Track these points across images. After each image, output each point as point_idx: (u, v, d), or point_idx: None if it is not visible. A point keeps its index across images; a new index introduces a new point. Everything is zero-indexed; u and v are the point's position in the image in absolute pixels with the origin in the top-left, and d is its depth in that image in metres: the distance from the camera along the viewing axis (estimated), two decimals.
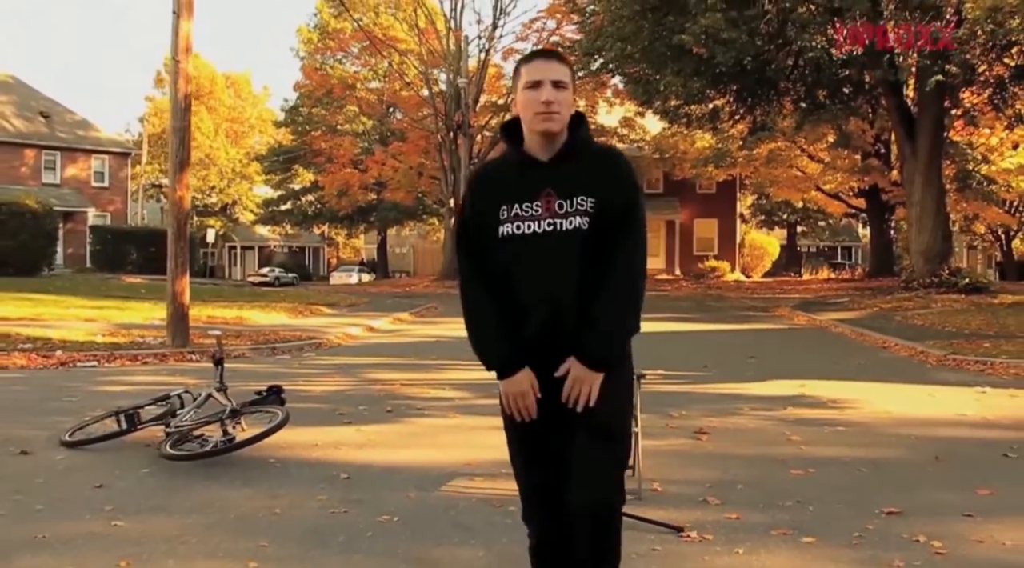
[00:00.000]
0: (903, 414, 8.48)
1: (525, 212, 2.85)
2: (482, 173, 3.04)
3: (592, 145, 2.96)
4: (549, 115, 2.83)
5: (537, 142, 2.90)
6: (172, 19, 12.27)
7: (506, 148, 3.00)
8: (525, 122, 2.91)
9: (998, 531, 4.83)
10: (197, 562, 4.32)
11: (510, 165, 2.95)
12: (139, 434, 6.97)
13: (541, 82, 2.85)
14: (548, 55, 2.97)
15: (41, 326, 14.49)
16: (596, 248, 2.82)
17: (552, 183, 2.85)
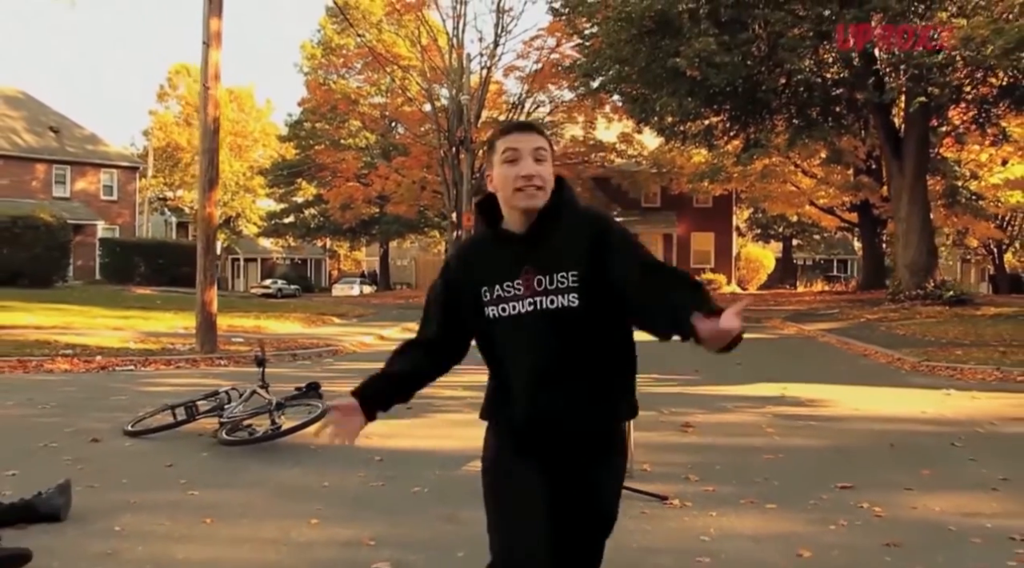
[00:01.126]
0: (870, 412, 9.45)
1: (507, 292, 2.66)
2: (462, 252, 2.83)
3: (578, 210, 2.72)
4: (531, 191, 2.62)
5: (517, 218, 2.68)
6: (202, 49, 13.26)
7: (483, 225, 2.77)
8: (504, 200, 2.68)
9: (931, 501, 5.79)
10: (267, 521, 5.27)
11: (488, 241, 2.74)
12: (190, 426, 7.91)
13: (519, 154, 2.64)
14: (524, 127, 2.75)
15: (75, 334, 15.45)
16: (594, 327, 2.63)
17: (531, 259, 2.64)
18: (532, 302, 2.62)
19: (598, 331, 2.62)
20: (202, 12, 13.22)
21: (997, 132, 29.84)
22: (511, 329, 2.65)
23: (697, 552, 4.73)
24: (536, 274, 2.62)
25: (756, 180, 41.16)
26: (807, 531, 5.16)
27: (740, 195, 48.87)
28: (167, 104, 79.31)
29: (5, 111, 47.16)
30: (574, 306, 2.59)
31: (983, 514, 5.49)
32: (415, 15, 45.17)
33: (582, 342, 2.60)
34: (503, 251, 2.69)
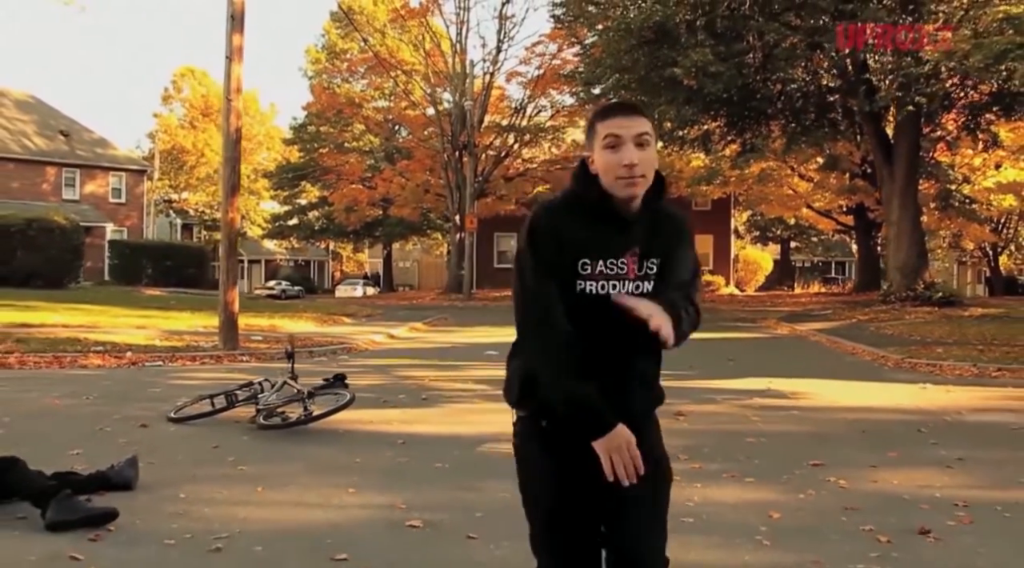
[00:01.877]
0: (849, 403, 10.25)
1: (611, 269, 2.57)
2: (549, 216, 2.62)
3: (667, 207, 2.73)
4: (633, 180, 2.53)
5: (616, 200, 2.58)
6: (225, 63, 14.05)
7: (573, 192, 2.66)
8: (606, 185, 2.57)
9: (891, 476, 6.59)
10: (312, 489, 6.08)
11: (588, 212, 2.60)
12: (226, 414, 8.70)
13: (622, 140, 2.55)
14: (628, 109, 2.65)
15: (102, 332, 16.24)
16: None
17: (637, 241, 2.60)
18: (637, 285, 2.59)
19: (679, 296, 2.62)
20: (225, 29, 14.03)
21: (988, 137, 30.64)
22: (598, 311, 2.55)
23: (682, 515, 5.52)
24: (640, 258, 2.61)
25: (754, 183, 41.97)
26: (778, 499, 5.96)
27: (738, 198, 49.65)
28: (171, 107, 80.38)
29: (16, 115, 48.05)
30: (650, 293, 2.59)
31: (934, 486, 6.29)
32: (419, 21, 46.02)
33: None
34: (607, 226, 2.59)
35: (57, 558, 4.61)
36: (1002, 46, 16.03)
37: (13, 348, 13.36)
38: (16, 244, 33.34)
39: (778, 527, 5.32)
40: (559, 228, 2.57)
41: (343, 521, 5.34)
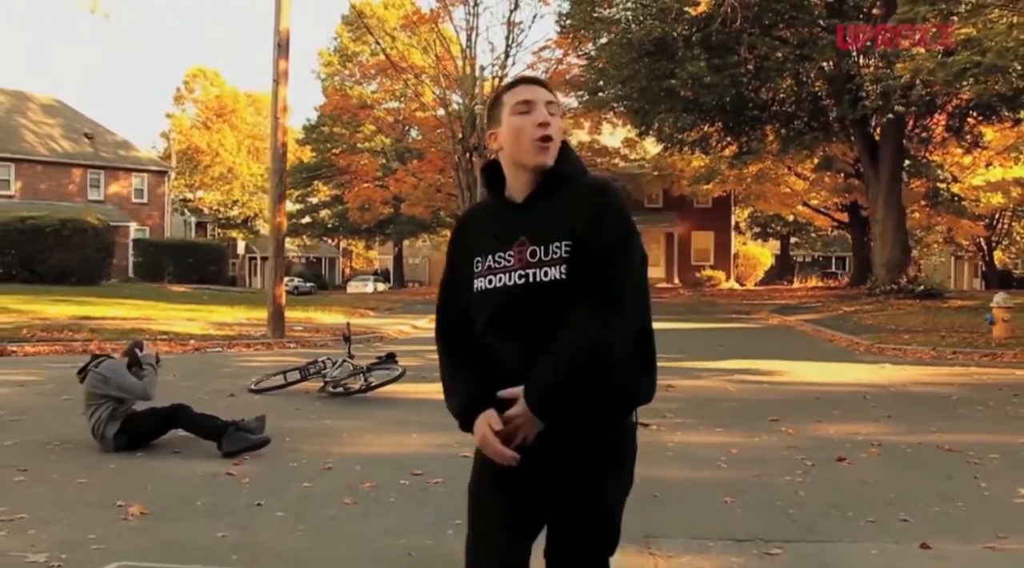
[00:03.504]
0: (814, 379, 12.16)
1: (498, 263, 2.48)
2: (460, 223, 2.69)
3: (581, 177, 2.55)
4: (545, 144, 2.47)
5: (523, 179, 2.52)
6: (272, 86, 15.94)
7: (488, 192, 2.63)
8: (512, 156, 2.52)
9: (829, 427, 8.47)
10: (383, 436, 7.98)
11: (489, 210, 2.60)
12: (296, 387, 10.59)
13: (534, 105, 2.51)
14: (533, 80, 2.61)
15: (159, 324, 18.15)
16: (577, 298, 2.40)
17: (527, 228, 2.47)
18: (523, 274, 2.44)
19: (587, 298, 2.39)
20: (272, 56, 15.89)
21: (971, 139, 32.42)
22: (497, 303, 2.47)
23: (664, 450, 7.42)
24: (530, 244, 2.45)
25: (752, 182, 43.77)
26: (738, 441, 7.84)
27: (737, 196, 51.43)
28: (183, 107, 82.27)
29: (43, 119, 49.97)
30: (563, 279, 2.39)
31: (861, 433, 8.18)
32: (430, 27, 47.80)
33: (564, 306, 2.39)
34: (500, 220, 2.54)
35: (217, 475, 6.52)
36: (962, 65, 17.89)
37: (91, 337, 15.28)
38: (51, 243, 35.19)
39: (734, 457, 7.20)
40: (464, 232, 2.64)
41: (413, 453, 7.23)
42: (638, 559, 4.58)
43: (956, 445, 7.58)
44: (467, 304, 2.58)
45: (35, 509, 5.52)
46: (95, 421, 7.28)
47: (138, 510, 5.51)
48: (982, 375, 12.77)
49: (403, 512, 5.56)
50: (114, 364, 7.41)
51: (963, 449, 7.43)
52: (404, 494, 5.99)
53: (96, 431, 7.27)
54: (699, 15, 23.40)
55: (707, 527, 5.25)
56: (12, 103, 49.86)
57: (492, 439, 2.43)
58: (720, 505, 5.74)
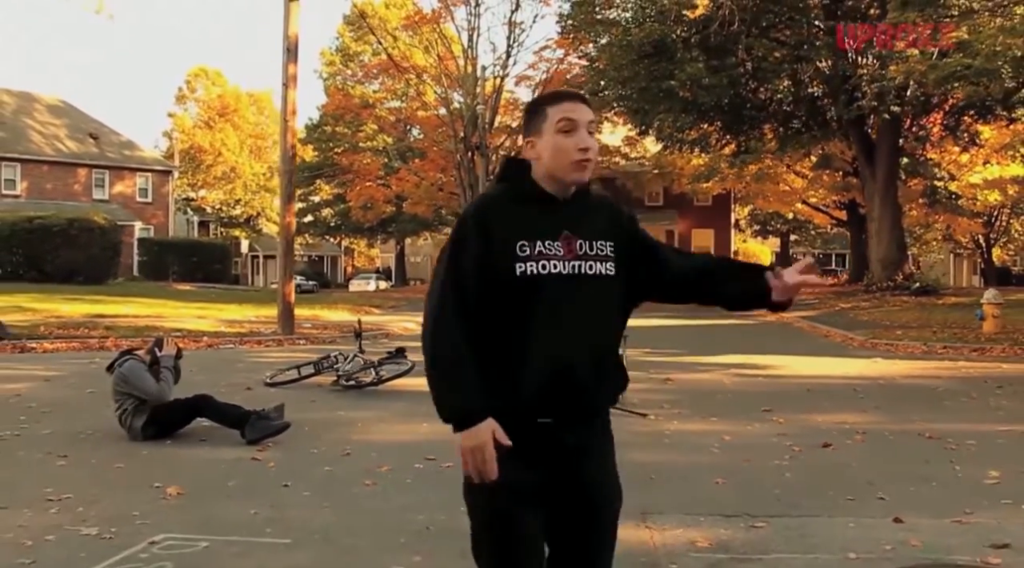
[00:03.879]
0: (806, 372, 12.62)
1: (549, 250, 2.54)
2: (492, 206, 2.64)
3: (598, 192, 2.81)
4: (585, 164, 2.57)
5: (554, 187, 2.62)
6: (281, 90, 16.40)
7: (506, 184, 2.68)
8: (552, 169, 2.59)
9: (818, 417, 8.94)
10: (395, 425, 8.45)
11: (521, 200, 2.62)
12: (310, 380, 11.06)
13: (576, 125, 2.59)
14: (579, 97, 2.70)
15: (170, 321, 18.63)
16: (623, 299, 2.66)
17: (568, 224, 2.59)
18: (575, 265, 2.55)
19: (623, 303, 2.66)
20: (281, 60, 16.35)
21: (967, 138, 32.87)
22: (548, 288, 2.52)
23: (662, 437, 7.89)
24: (576, 238, 2.57)
25: (751, 180, 44.18)
26: (730, 429, 8.30)
27: (737, 195, 51.86)
28: (185, 107, 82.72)
29: (49, 119, 50.46)
30: (612, 275, 2.59)
31: (848, 422, 8.64)
32: (431, 27, 48.23)
33: (613, 311, 2.62)
34: (538, 210, 2.60)
35: (243, 460, 6.99)
36: (951, 68, 18.33)
37: (107, 334, 15.75)
38: (58, 243, 35.61)
39: (726, 444, 7.67)
40: (489, 220, 2.58)
41: (424, 441, 7.68)
42: (635, 532, 5.03)
43: (936, 433, 8.04)
44: (484, 292, 2.53)
45: (80, 490, 5.99)
46: (122, 414, 7.74)
47: (175, 490, 5.98)
48: (969, 369, 13.24)
49: (419, 492, 6.03)
50: (135, 365, 7.83)
51: (943, 436, 7.89)
52: (419, 476, 6.45)
53: (124, 423, 7.73)
54: (697, 18, 23.87)
55: (699, 504, 5.71)
56: (18, 104, 50.33)
57: (490, 450, 2.44)
58: (712, 485, 6.21)
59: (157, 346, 8.23)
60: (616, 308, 2.65)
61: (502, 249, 2.54)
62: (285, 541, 4.99)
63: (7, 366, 12.88)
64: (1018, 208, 52.88)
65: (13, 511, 5.51)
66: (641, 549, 4.80)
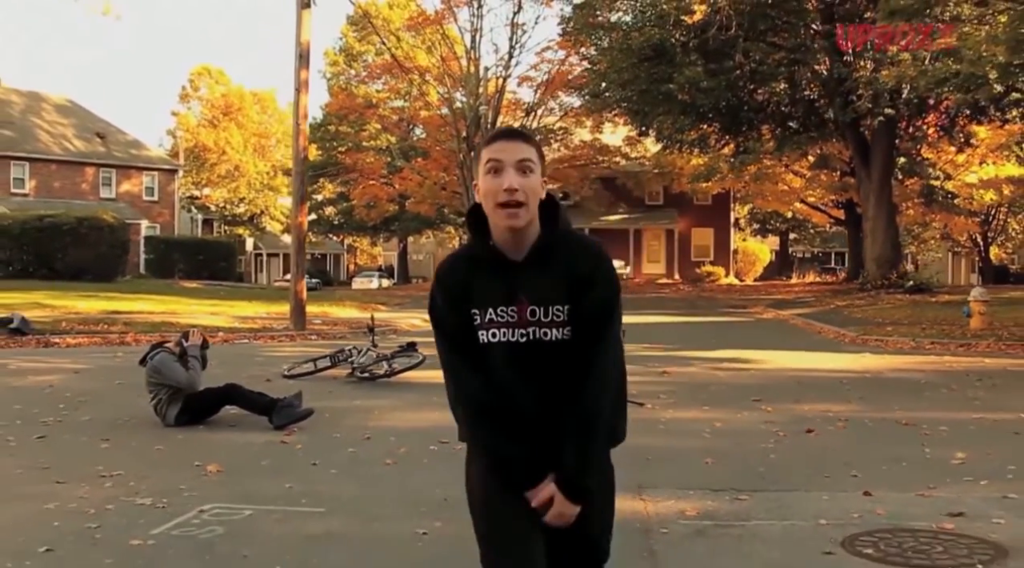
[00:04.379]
0: (796, 366, 13.25)
1: (500, 318, 2.57)
2: (450, 269, 2.67)
3: (570, 238, 2.64)
4: (514, 211, 2.51)
5: (506, 234, 2.57)
6: (294, 94, 17.01)
7: (469, 241, 2.69)
8: (487, 213, 2.57)
9: (805, 406, 9.55)
10: (409, 412, 9.07)
11: (479, 261, 2.62)
12: (326, 373, 11.67)
13: (502, 165, 2.52)
14: (511, 134, 2.62)
15: (184, 317, 19.25)
16: (578, 358, 2.57)
17: (525, 288, 2.56)
18: (525, 333, 2.57)
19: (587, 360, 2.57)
20: (294, 66, 16.97)
21: (961, 138, 33.49)
22: (505, 356, 2.58)
23: (657, 424, 8.50)
24: (530, 304, 2.56)
25: (750, 180, 44.78)
26: (722, 417, 8.92)
27: (736, 194, 52.45)
28: (189, 105, 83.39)
29: (56, 119, 51.08)
30: (567, 339, 2.57)
31: (832, 410, 9.25)
32: (435, 28, 48.84)
33: (575, 373, 2.55)
34: (496, 274, 2.59)
35: (272, 443, 7.61)
36: (941, 74, 18.95)
37: (126, 330, 16.38)
38: (68, 241, 36.23)
39: (717, 429, 8.29)
40: (451, 281, 2.62)
41: (436, 426, 8.24)
42: (631, 503, 5.64)
43: (913, 421, 8.66)
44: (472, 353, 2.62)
45: (128, 468, 6.61)
46: (157, 403, 8.36)
47: (215, 468, 6.60)
48: (954, 363, 13.86)
49: (435, 470, 6.64)
50: (165, 357, 8.45)
51: (918, 423, 8.50)
52: (434, 457, 7.07)
53: (159, 412, 8.35)
54: (696, 23, 24.50)
55: (689, 480, 6.32)
56: (26, 103, 50.95)
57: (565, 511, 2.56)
58: (702, 465, 6.82)
59: (184, 338, 8.83)
60: (582, 367, 2.58)
61: (464, 315, 2.61)
62: (319, 510, 5.62)
63: (35, 360, 13.50)
64: (1015, 207, 53.43)
65: (72, 485, 6.13)
66: (636, 517, 5.41)
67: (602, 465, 2.73)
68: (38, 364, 12.95)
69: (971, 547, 4.88)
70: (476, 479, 2.73)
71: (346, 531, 5.25)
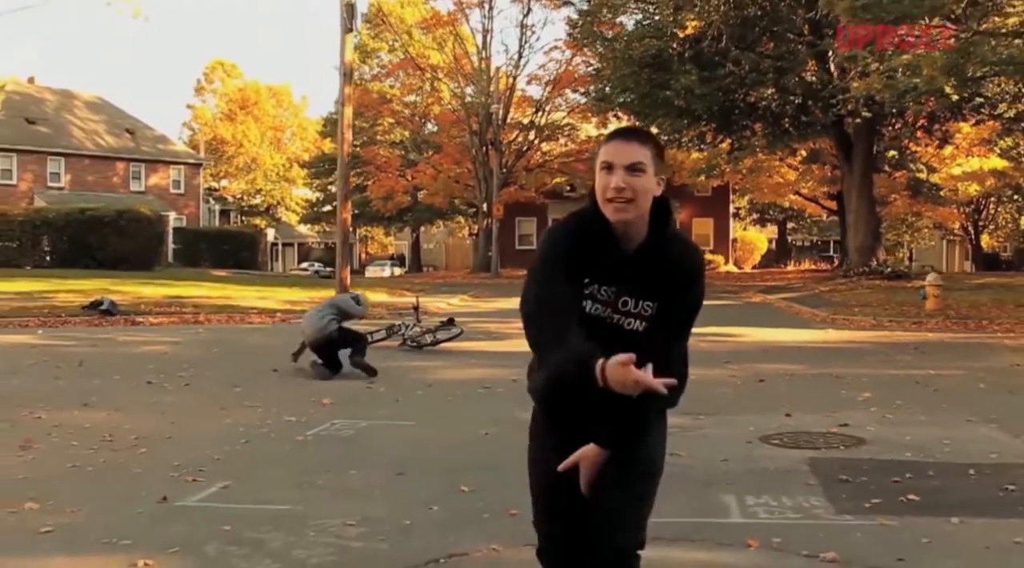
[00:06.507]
0: (767, 339, 15.91)
1: (601, 295, 2.78)
2: (578, 230, 2.80)
3: (676, 241, 2.84)
4: (622, 205, 2.69)
5: (616, 224, 2.75)
6: (339, 107, 19.67)
7: (588, 215, 2.80)
8: (601, 205, 2.74)
9: (765, 366, 12.21)
10: (457, 369, 11.76)
11: (599, 238, 2.77)
12: (379, 344, 14.32)
13: (614, 166, 2.70)
14: (628, 134, 2.80)
15: (242, 301, 21.91)
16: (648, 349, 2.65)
17: (627, 279, 2.77)
18: (612, 318, 2.79)
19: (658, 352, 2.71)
20: (339, 82, 19.61)
21: (941, 135, 36.03)
22: (590, 327, 2.73)
23: None
24: (625, 294, 2.77)
25: (747, 173, 47.35)
26: (696, 372, 11.36)
27: (734, 186, 55.02)
28: (203, 98, 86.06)
29: (88, 116, 53.80)
30: (639, 331, 2.80)
31: (786, 368, 11.92)
32: (448, 29, 51.45)
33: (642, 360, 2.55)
34: (611, 255, 2.76)
35: (362, 388, 10.28)
36: (904, 86, 21.49)
37: (197, 311, 19.08)
38: (109, 232, 38.93)
39: (693, 379, 10.91)
40: (575, 244, 2.77)
41: (479, 378, 10.95)
42: None
43: (843, 375, 11.30)
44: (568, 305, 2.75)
45: (264, 403, 9.28)
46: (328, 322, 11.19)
47: (328, 401, 9.29)
48: (901, 337, 16.50)
49: (484, 403, 9.30)
50: (344, 297, 11.88)
51: (846, 376, 11.16)
52: (480, 396, 9.75)
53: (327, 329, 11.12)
54: (688, 36, 27.07)
55: None
56: (59, 101, 53.63)
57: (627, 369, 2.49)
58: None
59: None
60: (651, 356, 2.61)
61: (577, 277, 2.78)
62: (411, 423, 8.30)
63: (133, 335, 16.19)
64: (1005, 196, 55.79)
65: (232, 411, 8.81)
66: None
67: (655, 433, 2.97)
68: (138, 339, 15.63)
69: (842, 440, 7.56)
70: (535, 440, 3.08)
71: (432, 435, 7.91)
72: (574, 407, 2.83)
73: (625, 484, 2.86)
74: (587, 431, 2.83)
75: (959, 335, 16.91)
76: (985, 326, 17.98)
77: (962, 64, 17.88)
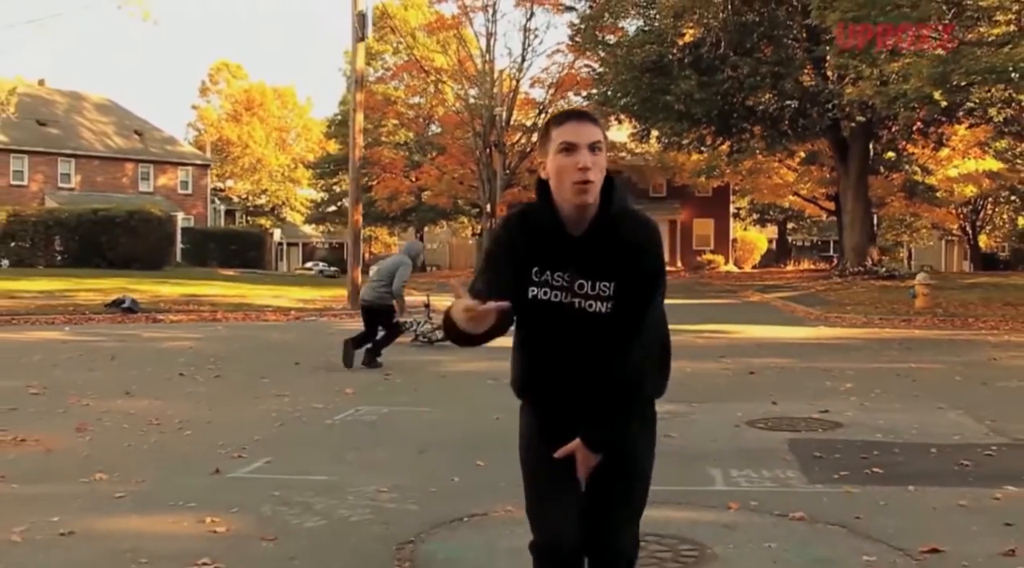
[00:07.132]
0: (761, 335, 16.67)
1: (555, 281, 2.80)
2: (521, 223, 2.87)
3: (626, 215, 2.82)
4: (585, 186, 2.69)
5: (569, 210, 2.76)
6: (351, 113, 20.45)
7: (535, 206, 2.86)
8: (556, 190, 2.75)
9: (758, 360, 12.96)
10: (467, 362, 12.53)
11: (544, 226, 2.81)
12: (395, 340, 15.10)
13: (576, 146, 2.70)
14: (581, 116, 2.82)
15: (256, 299, 22.71)
16: (617, 330, 2.76)
17: (578, 261, 2.78)
18: (571, 302, 2.79)
19: (624, 332, 2.76)
20: (352, 89, 20.38)
21: (936, 138, 36.74)
22: (549, 316, 2.80)
23: None
24: (579, 277, 2.78)
25: (747, 174, 48.09)
26: (693, 366, 12.29)
27: (734, 187, 55.78)
28: (208, 99, 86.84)
29: (97, 118, 54.64)
30: (605, 314, 2.77)
31: (774, 362, 12.67)
32: (452, 32, 52.17)
33: (612, 344, 2.73)
34: (555, 241, 2.78)
35: (380, 380, 11.05)
36: (894, 93, 22.23)
37: (214, 309, 19.87)
38: (120, 232, 39.69)
39: (687, 373, 11.64)
40: (514, 238, 2.83)
41: (487, 370, 11.65)
42: None
43: (830, 368, 12.06)
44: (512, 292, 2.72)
45: (291, 392, 10.05)
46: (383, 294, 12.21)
47: (351, 390, 10.07)
48: (891, 334, 17.27)
49: (495, 393, 10.02)
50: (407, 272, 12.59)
51: (832, 369, 11.92)
52: (491, 387, 10.44)
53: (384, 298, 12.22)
54: (687, 43, 27.83)
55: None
56: (69, 103, 54.46)
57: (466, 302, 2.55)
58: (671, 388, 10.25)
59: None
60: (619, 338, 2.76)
61: (524, 267, 2.81)
62: (430, 409, 9.08)
63: (156, 332, 16.99)
64: (1002, 197, 56.48)
65: (263, 399, 9.59)
66: None
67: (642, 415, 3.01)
68: (162, 335, 16.42)
69: (821, 424, 8.33)
70: (523, 427, 3.07)
71: (449, 419, 8.69)
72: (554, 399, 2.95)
73: (619, 484, 2.95)
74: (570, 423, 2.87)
75: (945, 332, 17.67)
76: (971, 323, 18.75)
77: (948, 74, 18.64)
